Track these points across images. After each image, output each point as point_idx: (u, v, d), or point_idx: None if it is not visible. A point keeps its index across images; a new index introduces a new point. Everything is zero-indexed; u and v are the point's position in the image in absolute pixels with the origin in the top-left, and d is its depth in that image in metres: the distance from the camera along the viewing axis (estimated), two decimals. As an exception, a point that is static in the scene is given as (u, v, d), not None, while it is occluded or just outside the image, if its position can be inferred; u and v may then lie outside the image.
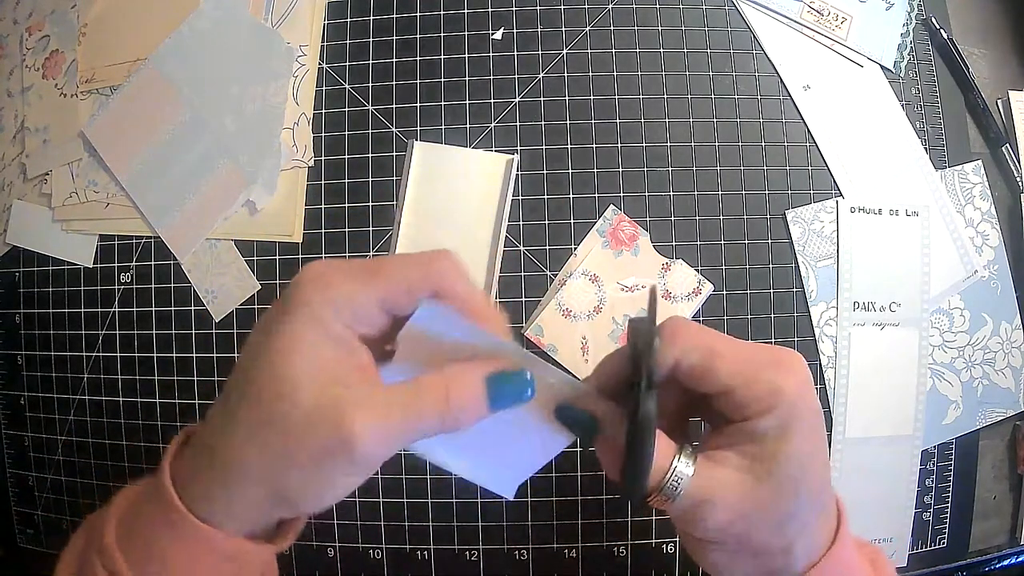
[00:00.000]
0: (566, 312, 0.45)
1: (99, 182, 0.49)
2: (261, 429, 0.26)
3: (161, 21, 0.48)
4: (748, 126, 0.47)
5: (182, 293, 0.48)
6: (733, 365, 0.28)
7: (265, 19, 0.48)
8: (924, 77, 0.48)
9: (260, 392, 0.26)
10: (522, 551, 0.45)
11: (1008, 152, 0.48)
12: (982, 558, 0.47)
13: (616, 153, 0.46)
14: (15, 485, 0.50)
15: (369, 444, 0.25)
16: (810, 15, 0.48)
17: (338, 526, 0.46)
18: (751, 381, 0.28)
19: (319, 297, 0.26)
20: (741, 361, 0.28)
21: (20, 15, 0.53)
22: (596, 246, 0.46)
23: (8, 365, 0.50)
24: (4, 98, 0.52)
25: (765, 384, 0.28)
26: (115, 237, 0.48)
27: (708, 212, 0.46)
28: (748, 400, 0.28)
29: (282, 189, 0.47)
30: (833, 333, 0.46)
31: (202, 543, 0.27)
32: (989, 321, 0.48)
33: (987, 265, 0.48)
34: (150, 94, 0.48)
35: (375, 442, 0.25)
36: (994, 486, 0.48)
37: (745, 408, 0.28)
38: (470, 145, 0.47)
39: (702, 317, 0.46)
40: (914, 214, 0.47)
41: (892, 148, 0.47)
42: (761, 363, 0.28)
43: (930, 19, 0.49)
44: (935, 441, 0.47)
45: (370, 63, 0.47)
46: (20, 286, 0.50)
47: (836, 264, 0.46)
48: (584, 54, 0.47)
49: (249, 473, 0.26)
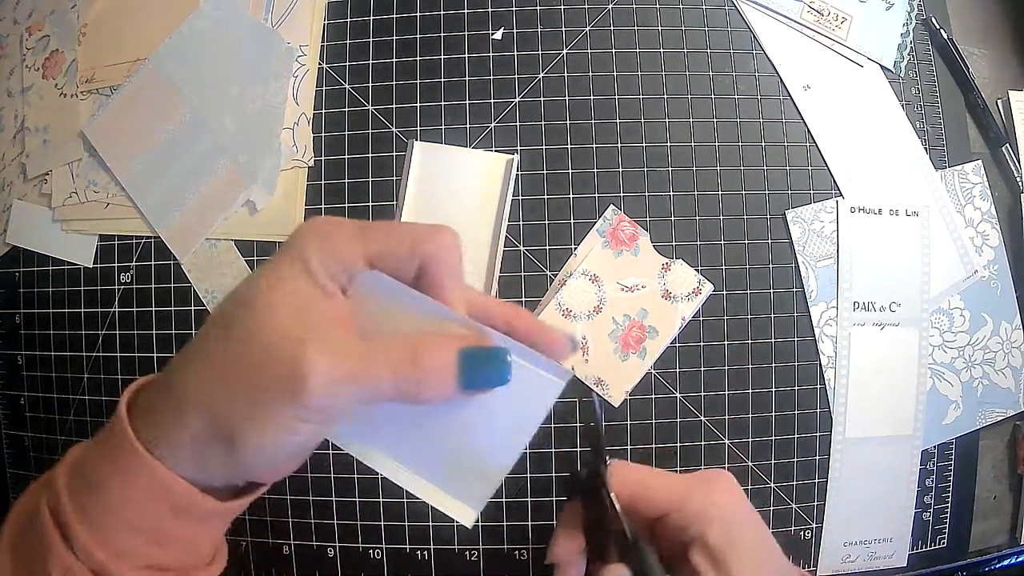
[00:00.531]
0: (566, 312, 0.45)
1: (99, 182, 0.49)
2: (220, 354, 0.26)
3: (161, 21, 0.48)
4: (748, 126, 0.47)
5: (182, 293, 0.47)
6: (666, 492, 0.32)
7: (265, 19, 0.48)
8: (924, 77, 0.48)
9: (230, 321, 0.26)
10: (522, 551, 0.45)
11: (1008, 152, 0.48)
12: (982, 558, 0.47)
13: (616, 153, 0.46)
14: (15, 485, 0.50)
15: (319, 383, 0.24)
16: (810, 15, 0.48)
17: (338, 526, 0.46)
18: (685, 502, 0.31)
19: (310, 246, 0.26)
20: (671, 486, 0.32)
21: (20, 15, 0.53)
22: (596, 246, 0.46)
23: (8, 365, 0.50)
24: (4, 98, 0.52)
25: (697, 503, 0.31)
26: (115, 237, 0.48)
27: (708, 212, 0.46)
28: (690, 518, 0.31)
29: (282, 189, 0.47)
30: (833, 333, 0.46)
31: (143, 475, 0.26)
32: (989, 321, 0.48)
33: (987, 265, 0.48)
34: (150, 94, 0.48)
35: (325, 381, 0.24)
36: (994, 486, 0.48)
37: (690, 526, 0.31)
38: (470, 145, 0.47)
39: (702, 317, 0.46)
40: (914, 214, 0.47)
41: (892, 148, 0.47)
42: (690, 486, 0.32)
43: (930, 19, 0.49)
44: (935, 441, 0.47)
45: (370, 63, 0.47)
46: (20, 286, 0.50)
47: (836, 264, 0.46)
48: (584, 54, 0.47)
49: (197, 398, 0.26)
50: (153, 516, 0.27)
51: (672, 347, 0.45)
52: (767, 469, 0.46)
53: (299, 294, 0.26)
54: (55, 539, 0.26)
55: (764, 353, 0.46)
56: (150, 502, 0.26)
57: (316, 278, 0.26)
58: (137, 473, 0.26)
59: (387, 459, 0.29)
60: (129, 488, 0.26)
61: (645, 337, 0.45)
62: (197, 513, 0.27)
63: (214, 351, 0.26)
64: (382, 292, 0.27)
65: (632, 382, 0.45)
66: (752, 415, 0.46)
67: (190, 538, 0.28)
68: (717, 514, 0.31)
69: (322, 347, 0.25)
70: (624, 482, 0.32)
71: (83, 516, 0.26)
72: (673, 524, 0.32)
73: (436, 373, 0.26)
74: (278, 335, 0.25)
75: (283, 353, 0.25)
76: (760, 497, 0.45)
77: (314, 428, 0.26)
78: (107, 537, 0.26)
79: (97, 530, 0.26)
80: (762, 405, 0.46)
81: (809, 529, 0.46)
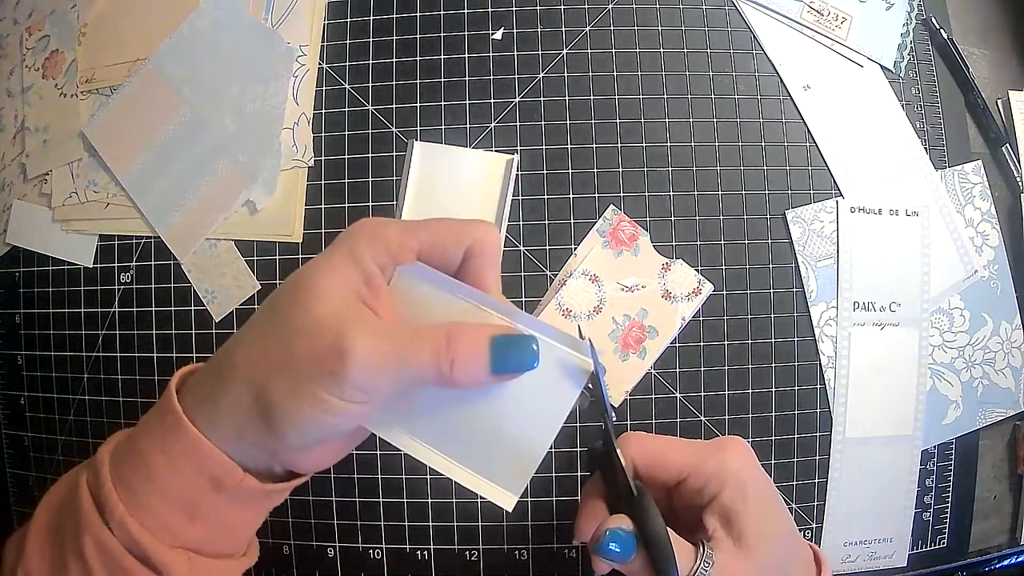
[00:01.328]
0: (566, 312, 0.45)
1: (99, 182, 0.49)
2: (268, 331, 0.27)
3: (161, 21, 0.48)
4: (748, 126, 0.47)
5: (182, 293, 0.47)
6: (681, 456, 0.33)
7: (265, 19, 0.48)
8: (924, 77, 0.48)
9: (279, 301, 0.28)
10: (522, 551, 0.45)
11: (1008, 152, 0.48)
12: (982, 558, 0.47)
13: (616, 153, 0.46)
14: (15, 485, 0.50)
15: (361, 362, 0.25)
16: (810, 15, 0.48)
17: (338, 526, 0.46)
18: (700, 465, 0.32)
19: (362, 238, 0.28)
20: (688, 452, 0.33)
21: (20, 15, 0.53)
22: (596, 246, 0.46)
23: (8, 365, 0.50)
24: (4, 98, 0.52)
25: (713, 464, 0.32)
26: (115, 237, 0.48)
27: (708, 212, 0.46)
28: (703, 481, 0.32)
29: (282, 189, 0.47)
30: (833, 333, 0.46)
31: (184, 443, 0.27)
32: (989, 321, 0.48)
33: (987, 265, 0.48)
34: (150, 94, 0.48)
35: (368, 362, 0.25)
36: (994, 486, 0.48)
37: (705, 489, 0.32)
38: (470, 145, 0.47)
39: (702, 317, 0.46)
40: (914, 214, 0.47)
41: (892, 148, 0.47)
42: (706, 450, 0.33)
43: (930, 19, 0.49)
44: (935, 441, 0.47)
45: (370, 63, 0.47)
46: (20, 286, 0.49)
47: (836, 264, 0.46)
48: (584, 54, 0.47)
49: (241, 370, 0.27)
50: (192, 487, 0.27)
51: (672, 347, 0.45)
52: (767, 469, 0.45)
53: (348, 282, 0.27)
54: (91, 514, 0.27)
55: (764, 353, 0.46)
56: (189, 471, 0.27)
57: (366, 267, 0.28)
58: (179, 442, 0.27)
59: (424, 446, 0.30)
60: (170, 457, 0.27)
61: (645, 337, 0.45)
62: (234, 489, 0.28)
63: (263, 330, 0.28)
64: (423, 282, 0.29)
65: (632, 382, 0.45)
66: (752, 415, 0.46)
67: (226, 520, 0.29)
68: (731, 477, 0.32)
69: (364, 327, 0.26)
70: (642, 452, 0.33)
71: (123, 486, 0.27)
72: (689, 488, 0.33)
73: (470, 356, 0.27)
74: (325, 315, 0.26)
75: (327, 330, 0.26)
76: (760, 497, 0.45)
77: (352, 411, 0.26)
78: (145, 511, 0.27)
79: (135, 502, 0.27)
80: (762, 405, 0.46)
81: (809, 529, 0.46)
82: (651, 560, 0.29)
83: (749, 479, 0.32)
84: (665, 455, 0.33)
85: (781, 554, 0.32)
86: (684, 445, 0.34)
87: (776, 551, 0.32)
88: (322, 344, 0.25)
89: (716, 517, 0.32)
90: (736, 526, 0.31)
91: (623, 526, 0.30)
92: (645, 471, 0.33)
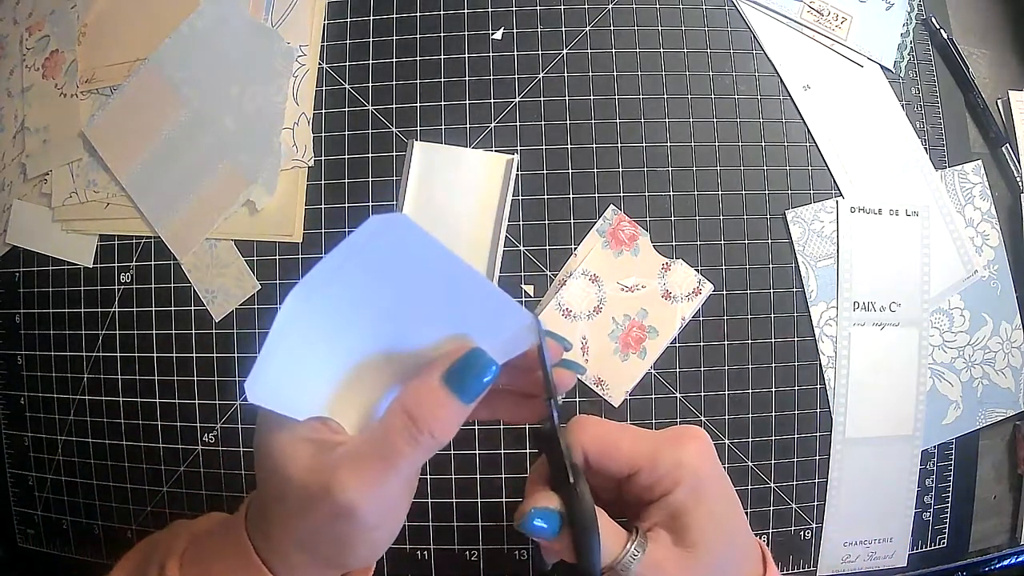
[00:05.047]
0: (566, 312, 0.45)
1: (99, 182, 0.49)
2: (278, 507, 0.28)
3: (161, 21, 0.48)
4: (748, 126, 0.47)
5: (182, 293, 0.47)
6: (634, 447, 0.31)
7: (265, 19, 0.48)
8: (924, 77, 0.48)
9: (263, 477, 0.29)
10: (522, 551, 0.45)
11: (1008, 152, 0.48)
12: (982, 558, 0.47)
13: (616, 153, 0.46)
14: (15, 485, 0.50)
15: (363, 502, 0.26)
16: (810, 15, 0.48)
17: (338, 526, 0.46)
18: (654, 460, 0.30)
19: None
20: (641, 444, 0.31)
21: (20, 15, 0.53)
22: (596, 246, 0.46)
23: (8, 365, 0.50)
24: (4, 98, 0.52)
25: (667, 460, 0.30)
26: (115, 237, 0.48)
27: (708, 212, 0.46)
28: (656, 478, 0.30)
29: (282, 189, 0.47)
30: (833, 333, 0.46)
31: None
32: (989, 321, 0.48)
33: (987, 265, 0.48)
34: (150, 94, 0.48)
35: (368, 497, 0.26)
36: (994, 486, 0.48)
37: (656, 485, 0.30)
38: (470, 145, 0.47)
39: (702, 317, 0.46)
40: (914, 214, 0.47)
41: (892, 148, 0.47)
42: (661, 442, 0.31)
43: (930, 19, 0.49)
44: (935, 441, 0.47)
45: (370, 63, 0.47)
46: (20, 286, 0.49)
47: (836, 264, 0.46)
48: (584, 54, 0.47)
49: (292, 545, 0.28)
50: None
51: (672, 347, 0.45)
52: (767, 469, 0.46)
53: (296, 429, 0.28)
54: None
55: (764, 353, 0.46)
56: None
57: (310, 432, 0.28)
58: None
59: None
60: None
61: (645, 337, 0.45)
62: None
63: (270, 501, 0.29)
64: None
65: (632, 382, 0.45)
66: (752, 415, 0.46)
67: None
68: (687, 476, 0.30)
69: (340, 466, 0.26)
70: (593, 437, 0.31)
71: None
72: (640, 483, 0.31)
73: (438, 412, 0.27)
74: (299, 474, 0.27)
75: (315, 490, 0.26)
76: (760, 497, 0.45)
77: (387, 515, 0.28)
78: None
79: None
80: (762, 405, 0.46)
81: (809, 529, 0.46)
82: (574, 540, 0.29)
83: (705, 479, 0.31)
84: (619, 445, 0.31)
85: (726, 557, 0.31)
86: (640, 437, 0.31)
87: (720, 553, 0.31)
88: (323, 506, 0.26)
89: (662, 510, 0.30)
90: (680, 522, 0.30)
91: (550, 505, 0.29)
92: (596, 459, 0.31)
